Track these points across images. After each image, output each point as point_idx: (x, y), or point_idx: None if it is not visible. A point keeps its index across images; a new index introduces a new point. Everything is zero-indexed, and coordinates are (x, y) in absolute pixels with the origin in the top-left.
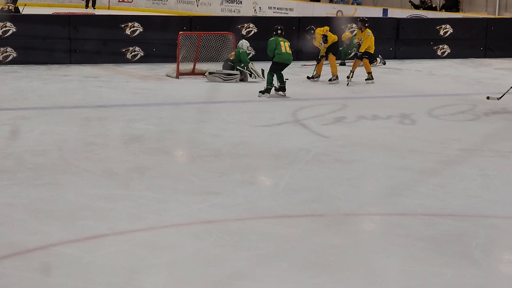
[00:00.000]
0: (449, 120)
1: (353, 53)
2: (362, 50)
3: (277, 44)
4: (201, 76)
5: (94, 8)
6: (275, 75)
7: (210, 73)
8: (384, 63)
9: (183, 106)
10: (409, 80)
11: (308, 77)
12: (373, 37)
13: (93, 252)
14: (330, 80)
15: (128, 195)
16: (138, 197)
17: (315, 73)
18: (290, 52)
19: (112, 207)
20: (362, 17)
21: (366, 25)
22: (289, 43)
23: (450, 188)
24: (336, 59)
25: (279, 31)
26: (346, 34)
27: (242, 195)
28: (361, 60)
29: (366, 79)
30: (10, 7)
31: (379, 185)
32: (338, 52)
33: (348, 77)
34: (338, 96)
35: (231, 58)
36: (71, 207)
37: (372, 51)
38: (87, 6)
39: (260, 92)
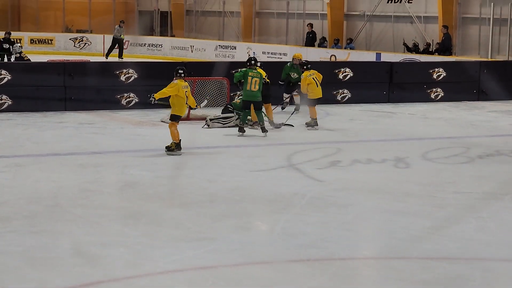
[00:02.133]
0: (444, 163)
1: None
2: (304, 92)
3: (245, 78)
4: (196, 121)
5: (122, 58)
6: (260, 114)
7: (210, 120)
8: (283, 107)
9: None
10: (403, 124)
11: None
12: (309, 80)
13: None
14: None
15: (123, 241)
16: (133, 243)
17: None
18: (256, 88)
19: (108, 254)
20: (304, 60)
21: (305, 67)
22: (258, 78)
23: (445, 231)
24: None
25: (252, 62)
26: None
27: (237, 240)
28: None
29: (306, 124)
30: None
31: (374, 229)
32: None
33: (306, 124)
34: (332, 140)
35: (231, 103)
36: (66, 254)
37: (311, 96)
38: (107, 56)
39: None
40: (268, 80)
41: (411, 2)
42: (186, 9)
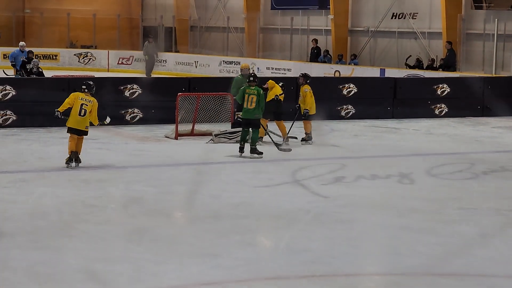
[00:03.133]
0: (448, 179)
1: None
2: (308, 107)
3: (243, 96)
4: (200, 137)
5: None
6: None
7: (215, 135)
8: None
9: (182, 167)
10: (407, 140)
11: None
12: (310, 94)
13: None
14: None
15: (127, 257)
16: (137, 259)
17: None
18: (253, 106)
19: (112, 270)
20: (305, 73)
21: (308, 81)
22: (256, 96)
23: (450, 247)
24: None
25: (251, 78)
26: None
27: (241, 256)
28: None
29: (302, 140)
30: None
31: (379, 245)
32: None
33: (303, 139)
34: (336, 156)
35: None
36: (70, 270)
37: (311, 112)
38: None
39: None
40: (281, 98)
41: (415, 18)
42: (190, 24)
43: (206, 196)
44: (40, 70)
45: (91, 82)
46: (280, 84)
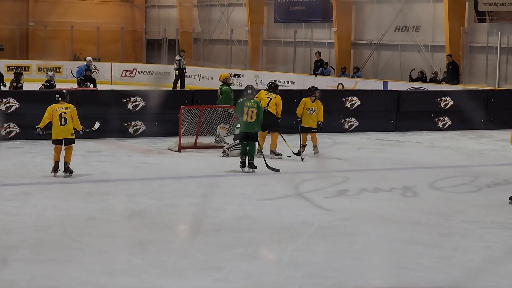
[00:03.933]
0: (451, 192)
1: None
2: (321, 119)
3: (242, 109)
4: (204, 149)
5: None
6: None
7: (227, 148)
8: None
9: (185, 180)
10: (410, 153)
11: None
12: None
13: None
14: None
15: (130, 270)
16: (140, 272)
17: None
18: (253, 119)
19: (115, 283)
20: (315, 86)
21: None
22: (256, 109)
23: (453, 261)
24: None
25: (248, 91)
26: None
27: (244, 269)
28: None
29: (314, 152)
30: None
31: (382, 258)
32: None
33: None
34: (340, 169)
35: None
36: (73, 283)
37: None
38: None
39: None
40: (270, 110)
41: (418, 31)
42: (193, 37)
43: (209, 209)
44: (53, 82)
45: (65, 91)
46: (267, 85)
